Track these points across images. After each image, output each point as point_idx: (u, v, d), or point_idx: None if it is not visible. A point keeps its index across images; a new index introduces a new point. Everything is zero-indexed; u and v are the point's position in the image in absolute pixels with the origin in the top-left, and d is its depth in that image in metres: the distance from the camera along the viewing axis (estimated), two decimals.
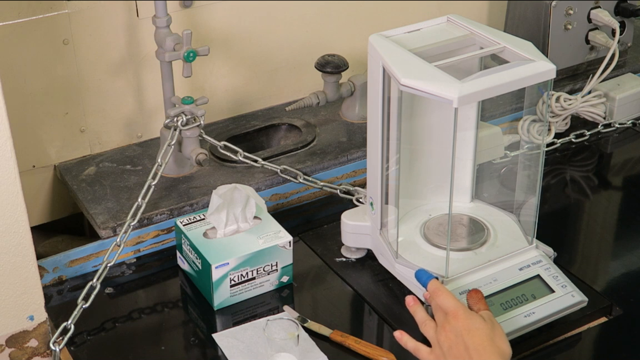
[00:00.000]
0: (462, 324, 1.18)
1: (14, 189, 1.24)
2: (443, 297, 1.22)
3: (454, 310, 1.20)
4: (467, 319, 1.18)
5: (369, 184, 1.40)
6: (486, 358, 1.15)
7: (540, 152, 1.35)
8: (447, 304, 1.21)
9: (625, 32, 1.91)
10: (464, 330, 1.17)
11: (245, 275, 1.37)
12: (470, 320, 1.18)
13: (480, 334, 1.17)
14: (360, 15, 1.80)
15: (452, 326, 1.18)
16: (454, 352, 1.17)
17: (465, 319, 1.18)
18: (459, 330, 1.18)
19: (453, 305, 1.20)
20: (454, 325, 1.18)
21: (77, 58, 1.56)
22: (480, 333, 1.17)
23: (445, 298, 1.21)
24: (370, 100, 1.32)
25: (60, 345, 1.30)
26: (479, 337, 1.16)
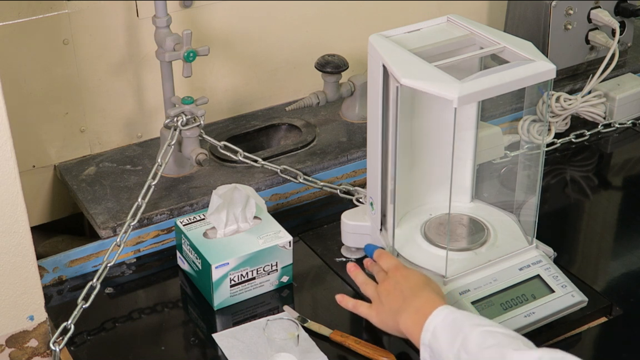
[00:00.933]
0: (400, 274, 1.26)
1: (14, 189, 1.24)
2: (386, 258, 1.32)
3: (395, 266, 1.29)
4: (406, 269, 1.27)
5: (369, 184, 1.40)
6: (420, 294, 1.21)
7: (540, 152, 1.35)
8: (389, 263, 1.30)
9: (625, 32, 1.91)
10: (401, 278, 1.25)
11: (245, 275, 1.37)
12: (408, 270, 1.27)
13: (415, 278, 1.25)
14: (360, 15, 1.80)
15: (391, 278, 1.27)
16: (391, 297, 1.24)
17: (404, 269, 1.27)
18: (397, 279, 1.26)
19: (395, 263, 1.30)
20: (392, 277, 1.27)
21: (77, 58, 1.56)
22: (415, 277, 1.25)
23: (388, 259, 1.31)
24: (370, 100, 1.33)
25: (60, 345, 1.30)
26: (414, 280, 1.24)
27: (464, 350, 1.09)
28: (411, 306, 1.20)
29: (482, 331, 1.09)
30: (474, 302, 1.29)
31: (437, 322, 1.14)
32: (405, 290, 1.23)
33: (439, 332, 1.13)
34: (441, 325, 1.13)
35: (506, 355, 1.05)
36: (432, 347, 1.14)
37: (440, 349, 1.12)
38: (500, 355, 1.05)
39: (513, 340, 1.08)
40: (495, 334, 1.09)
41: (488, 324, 1.12)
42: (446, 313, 1.15)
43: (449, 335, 1.12)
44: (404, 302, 1.21)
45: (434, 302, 1.18)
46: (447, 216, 1.38)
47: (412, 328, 1.18)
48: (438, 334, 1.13)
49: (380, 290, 1.27)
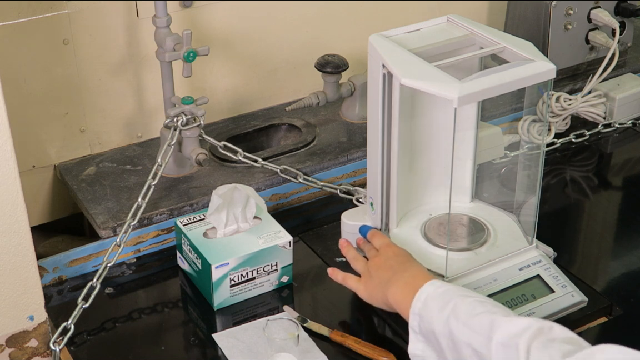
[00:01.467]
0: (391, 250, 1.30)
1: (14, 188, 1.24)
2: (378, 237, 1.35)
3: (386, 243, 1.33)
4: (397, 247, 1.31)
5: (369, 184, 1.40)
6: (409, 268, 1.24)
7: (540, 152, 1.35)
8: (381, 241, 1.33)
9: (625, 32, 1.91)
10: (392, 254, 1.29)
11: (245, 275, 1.37)
12: (399, 248, 1.31)
13: (406, 255, 1.29)
14: (360, 15, 1.80)
15: (381, 254, 1.31)
16: (381, 271, 1.27)
17: (395, 247, 1.31)
18: (388, 255, 1.29)
19: (387, 241, 1.33)
20: (383, 253, 1.31)
21: (77, 58, 1.56)
22: (406, 254, 1.29)
23: (381, 238, 1.35)
24: (370, 100, 1.32)
25: (60, 345, 1.30)
26: (404, 256, 1.28)
27: (454, 316, 1.11)
28: (401, 279, 1.23)
29: (472, 300, 1.12)
30: None
31: (429, 291, 1.17)
32: (395, 265, 1.26)
33: (429, 301, 1.16)
34: (433, 295, 1.16)
35: (495, 321, 1.07)
36: (422, 315, 1.16)
37: (430, 317, 1.14)
38: (490, 321, 1.07)
39: (502, 309, 1.11)
40: (484, 304, 1.11)
41: (477, 295, 1.15)
42: (438, 285, 1.18)
43: (439, 303, 1.14)
44: (394, 275, 1.25)
45: (424, 275, 1.22)
46: (447, 216, 1.39)
47: (401, 299, 1.21)
48: (429, 303, 1.16)
49: (370, 265, 1.31)
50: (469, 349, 1.08)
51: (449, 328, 1.11)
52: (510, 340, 1.04)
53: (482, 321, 1.08)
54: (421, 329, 1.16)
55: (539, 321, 1.05)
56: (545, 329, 1.04)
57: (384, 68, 1.26)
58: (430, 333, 1.14)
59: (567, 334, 1.04)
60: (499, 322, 1.06)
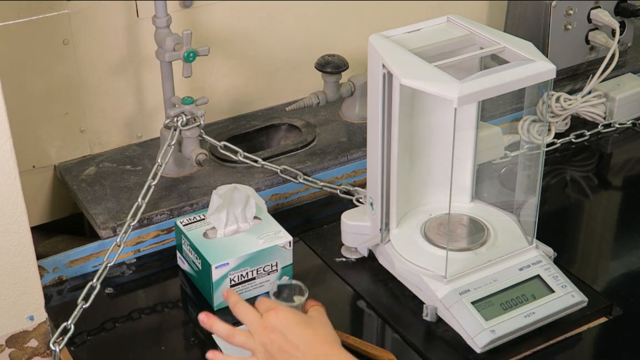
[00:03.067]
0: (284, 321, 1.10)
1: (14, 188, 1.24)
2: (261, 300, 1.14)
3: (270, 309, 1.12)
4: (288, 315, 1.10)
5: (369, 184, 1.40)
6: (326, 349, 1.08)
7: (540, 152, 1.35)
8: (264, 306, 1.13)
9: (625, 32, 1.91)
10: (290, 329, 1.09)
11: (245, 276, 1.37)
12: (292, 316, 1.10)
13: (312, 328, 1.10)
14: (360, 15, 1.80)
15: (276, 326, 1.10)
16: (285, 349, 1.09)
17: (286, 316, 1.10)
18: (282, 328, 1.10)
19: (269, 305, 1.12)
20: (276, 325, 1.10)
21: (77, 58, 1.56)
22: (312, 327, 1.10)
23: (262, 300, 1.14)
24: (370, 100, 1.33)
25: (60, 345, 1.30)
26: (311, 331, 1.09)
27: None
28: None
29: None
30: (474, 302, 1.29)
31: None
32: (299, 348, 1.07)
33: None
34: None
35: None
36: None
37: None
38: None
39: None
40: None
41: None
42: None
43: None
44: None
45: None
46: (447, 216, 1.38)
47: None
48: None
49: (264, 341, 1.10)
50: None
51: None
52: None
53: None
54: None
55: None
56: None
57: (384, 68, 1.26)
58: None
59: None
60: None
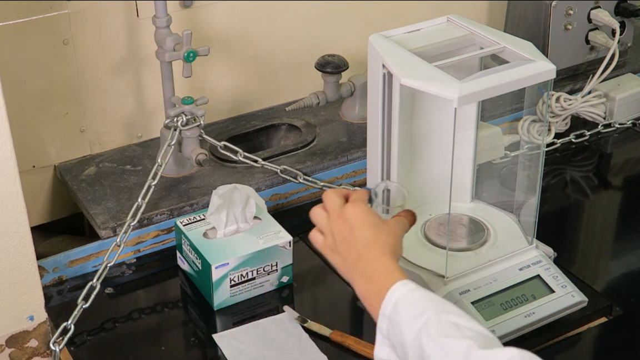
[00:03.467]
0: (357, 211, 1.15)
1: (14, 188, 1.24)
2: (354, 192, 1.20)
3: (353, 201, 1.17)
4: (363, 208, 1.16)
5: (369, 184, 1.40)
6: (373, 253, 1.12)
7: (540, 152, 1.35)
8: (353, 196, 1.18)
9: (625, 32, 1.91)
10: (357, 224, 1.14)
11: (245, 276, 1.37)
12: (365, 211, 1.15)
13: (374, 228, 1.14)
14: (360, 15, 1.80)
15: (344, 217, 1.15)
16: (344, 245, 1.15)
17: (362, 207, 1.16)
18: (352, 224, 1.15)
19: (356, 198, 1.18)
20: (348, 218, 1.15)
21: (77, 58, 1.56)
22: (374, 227, 1.15)
23: (354, 192, 1.19)
24: (370, 100, 1.32)
25: (60, 346, 1.30)
26: (371, 232, 1.14)
27: (426, 332, 1.01)
28: (366, 271, 1.11)
29: (448, 322, 1.01)
30: (474, 302, 1.29)
31: (400, 293, 1.06)
32: (357, 245, 1.13)
33: (401, 305, 1.05)
34: (405, 299, 1.06)
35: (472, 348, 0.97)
36: (392, 320, 1.06)
37: (400, 324, 1.04)
38: (467, 346, 0.98)
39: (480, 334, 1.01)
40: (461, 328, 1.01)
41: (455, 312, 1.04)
42: (411, 287, 1.07)
43: (412, 310, 1.04)
44: (358, 261, 1.12)
45: (390, 272, 1.10)
46: (447, 216, 1.38)
47: (367, 295, 1.11)
48: (400, 307, 1.05)
49: (334, 228, 1.16)
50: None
51: (420, 342, 1.01)
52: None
53: (458, 345, 0.98)
54: (389, 334, 1.07)
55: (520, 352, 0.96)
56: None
57: (384, 68, 1.26)
58: (398, 342, 1.05)
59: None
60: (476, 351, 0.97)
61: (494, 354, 0.96)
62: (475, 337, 0.99)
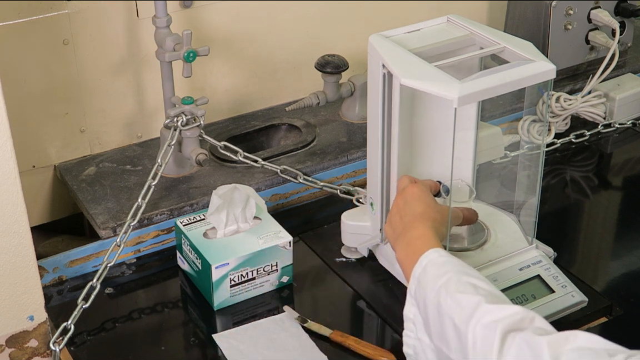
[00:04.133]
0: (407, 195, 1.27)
1: (14, 189, 1.24)
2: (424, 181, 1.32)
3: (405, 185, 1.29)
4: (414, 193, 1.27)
5: (369, 184, 1.40)
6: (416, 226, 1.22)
7: (540, 152, 1.35)
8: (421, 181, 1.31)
9: (625, 32, 1.91)
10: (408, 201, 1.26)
11: (245, 276, 1.37)
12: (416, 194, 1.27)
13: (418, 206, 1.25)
14: (360, 15, 1.80)
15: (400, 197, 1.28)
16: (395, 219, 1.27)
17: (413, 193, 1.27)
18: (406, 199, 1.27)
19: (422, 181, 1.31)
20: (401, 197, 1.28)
21: (77, 58, 1.56)
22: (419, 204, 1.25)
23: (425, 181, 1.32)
24: (370, 100, 1.32)
25: (60, 345, 1.30)
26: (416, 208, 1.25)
27: (445, 288, 1.11)
28: (406, 237, 1.22)
29: (466, 281, 1.12)
30: None
31: (430, 258, 1.17)
32: (406, 217, 1.25)
33: (429, 268, 1.16)
34: (433, 262, 1.16)
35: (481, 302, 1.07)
36: (420, 281, 1.16)
37: (426, 283, 1.15)
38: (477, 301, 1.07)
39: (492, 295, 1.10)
40: (477, 288, 1.10)
41: (475, 275, 1.14)
42: (441, 253, 1.18)
43: (437, 272, 1.15)
44: (402, 231, 1.24)
45: (427, 240, 1.20)
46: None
47: (404, 259, 1.21)
48: (428, 270, 1.16)
49: (394, 203, 1.30)
50: (450, 322, 1.09)
51: (438, 299, 1.11)
52: (490, 323, 1.04)
53: (470, 299, 1.08)
54: (416, 294, 1.17)
55: (524, 311, 1.05)
56: (527, 319, 1.04)
57: (384, 68, 1.26)
58: (421, 299, 1.15)
59: (546, 326, 1.05)
60: (484, 305, 1.07)
61: (500, 308, 1.05)
62: (487, 295, 1.09)
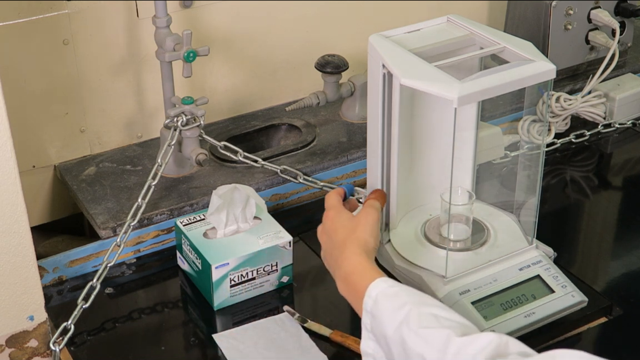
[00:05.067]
0: (329, 223, 1.25)
1: (14, 189, 1.24)
2: (328, 196, 1.29)
3: (327, 209, 1.27)
4: (333, 217, 1.25)
5: (369, 184, 1.40)
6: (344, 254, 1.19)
7: (540, 152, 1.35)
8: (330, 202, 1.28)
9: (625, 32, 1.91)
10: (330, 230, 1.24)
11: (245, 276, 1.37)
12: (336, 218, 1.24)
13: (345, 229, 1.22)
14: (360, 15, 1.80)
15: (325, 224, 1.26)
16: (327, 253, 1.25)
17: (332, 218, 1.25)
18: (328, 230, 1.25)
19: (328, 205, 1.28)
20: (326, 224, 1.26)
21: (77, 58, 1.56)
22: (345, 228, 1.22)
23: (329, 196, 1.29)
24: (370, 100, 1.32)
25: (60, 346, 1.30)
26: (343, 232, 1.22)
27: (406, 324, 1.05)
28: (342, 272, 1.18)
29: (428, 313, 1.05)
30: (474, 302, 1.29)
31: (380, 288, 1.11)
32: (336, 247, 1.21)
33: (381, 299, 1.10)
34: (385, 293, 1.11)
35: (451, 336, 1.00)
36: (374, 315, 1.10)
37: (382, 318, 1.09)
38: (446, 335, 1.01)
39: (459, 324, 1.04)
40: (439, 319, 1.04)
41: (434, 304, 1.08)
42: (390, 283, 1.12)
43: (392, 304, 1.08)
44: (336, 265, 1.20)
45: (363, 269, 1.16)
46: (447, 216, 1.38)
47: (347, 294, 1.18)
48: (380, 301, 1.10)
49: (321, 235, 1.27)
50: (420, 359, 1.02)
51: (401, 335, 1.05)
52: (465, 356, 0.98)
53: (437, 334, 1.02)
54: (373, 329, 1.11)
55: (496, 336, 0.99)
56: (502, 345, 0.99)
57: (384, 68, 1.26)
58: (381, 335, 1.09)
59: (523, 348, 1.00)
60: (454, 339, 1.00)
61: (472, 340, 0.98)
62: (454, 326, 1.02)
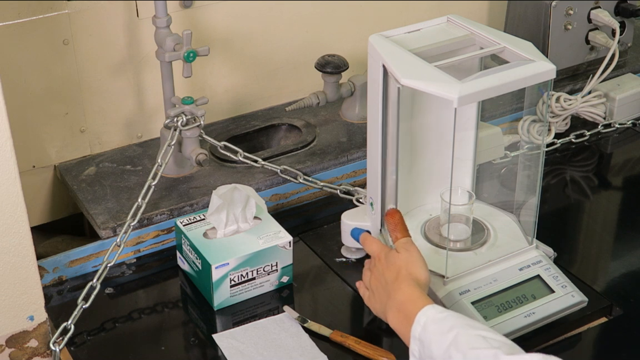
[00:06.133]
0: (382, 264, 1.27)
1: (14, 189, 1.24)
2: (369, 244, 1.32)
3: (377, 254, 1.29)
4: (387, 257, 1.26)
5: (369, 184, 1.40)
6: (401, 287, 1.21)
7: (540, 152, 1.35)
8: (372, 249, 1.30)
9: (625, 32, 1.91)
10: (383, 269, 1.26)
11: (245, 276, 1.37)
12: (389, 258, 1.26)
13: (396, 268, 1.24)
14: (360, 15, 1.80)
15: (376, 268, 1.28)
16: (378, 292, 1.26)
17: (385, 258, 1.27)
18: (380, 270, 1.26)
19: (376, 250, 1.29)
20: (376, 267, 1.28)
21: (77, 58, 1.56)
22: (396, 266, 1.24)
23: (371, 244, 1.31)
24: (370, 100, 1.32)
25: (60, 346, 1.30)
26: (395, 270, 1.24)
27: (455, 346, 1.08)
28: (395, 302, 1.20)
29: (476, 334, 1.09)
30: (474, 302, 1.29)
31: (429, 315, 1.14)
32: (389, 284, 1.23)
33: (430, 325, 1.13)
34: (433, 318, 1.14)
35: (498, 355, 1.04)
36: (422, 340, 1.13)
37: (430, 341, 1.12)
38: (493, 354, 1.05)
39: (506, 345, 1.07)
40: (487, 340, 1.08)
41: (481, 327, 1.11)
42: (439, 309, 1.15)
43: (440, 328, 1.12)
44: (389, 299, 1.22)
45: (416, 298, 1.18)
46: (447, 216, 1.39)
47: (399, 325, 1.19)
48: (429, 327, 1.13)
49: (370, 282, 1.29)
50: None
51: (450, 357, 1.08)
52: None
53: (486, 354, 1.05)
54: (421, 355, 1.13)
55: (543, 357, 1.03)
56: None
57: (384, 68, 1.26)
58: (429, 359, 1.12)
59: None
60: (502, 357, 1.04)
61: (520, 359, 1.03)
62: (501, 346, 1.06)
